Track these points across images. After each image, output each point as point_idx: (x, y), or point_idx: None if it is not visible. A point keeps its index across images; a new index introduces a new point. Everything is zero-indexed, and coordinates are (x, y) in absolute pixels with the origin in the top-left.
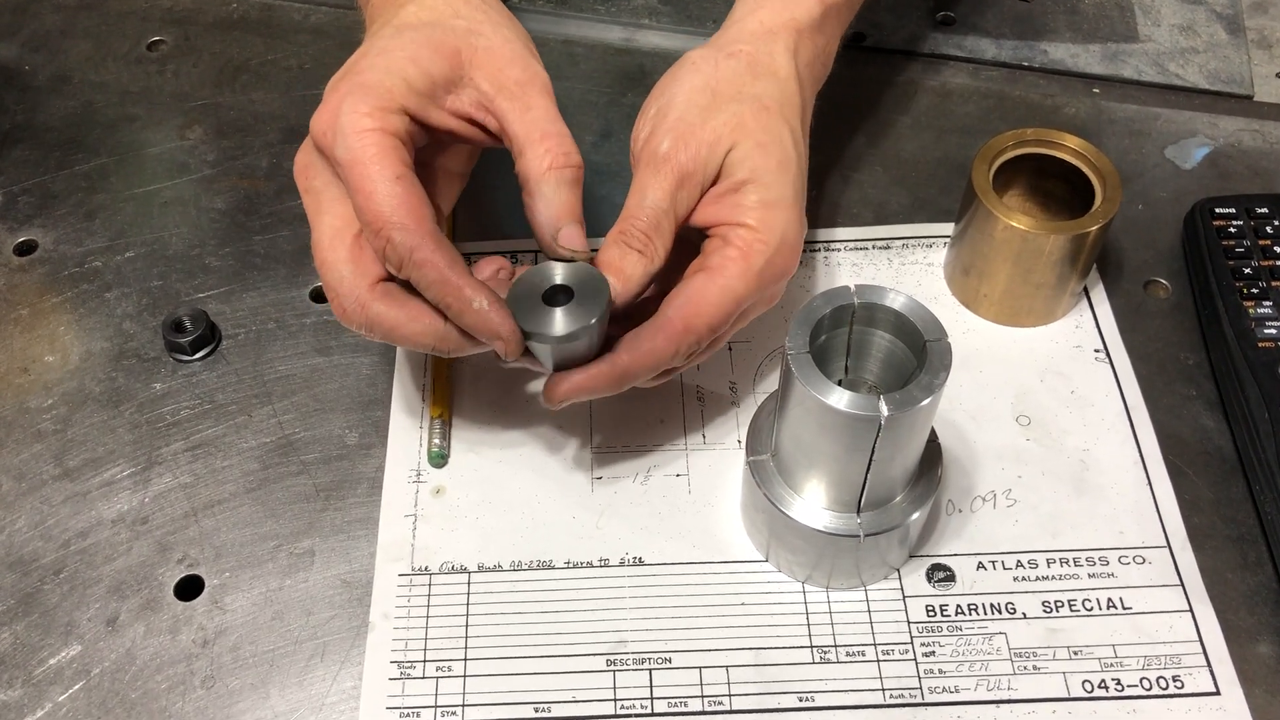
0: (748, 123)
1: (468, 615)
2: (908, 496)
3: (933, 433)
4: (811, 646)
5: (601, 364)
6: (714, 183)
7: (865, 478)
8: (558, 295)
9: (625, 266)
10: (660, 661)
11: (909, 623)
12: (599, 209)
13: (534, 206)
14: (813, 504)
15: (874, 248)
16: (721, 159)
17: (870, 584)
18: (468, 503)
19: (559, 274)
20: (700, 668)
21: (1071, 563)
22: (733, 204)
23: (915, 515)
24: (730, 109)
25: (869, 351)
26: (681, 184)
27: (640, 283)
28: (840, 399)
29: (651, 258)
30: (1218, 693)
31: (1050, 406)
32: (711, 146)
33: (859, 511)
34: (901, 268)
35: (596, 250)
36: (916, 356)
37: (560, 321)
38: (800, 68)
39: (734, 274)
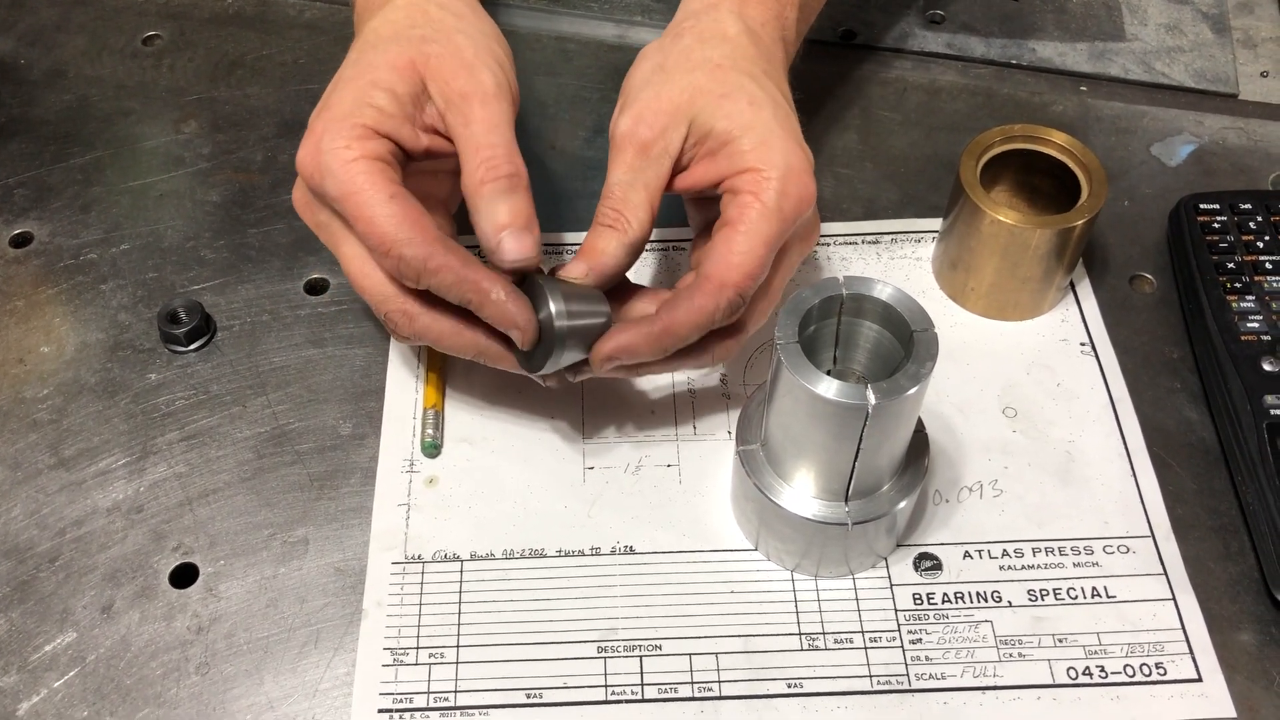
0: (703, 84)
1: (460, 603)
2: (895, 485)
3: (920, 423)
4: (800, 634)
5: (642, 323)
6: (686, 150)
7: (853, 466)
8: None
9: (598, 244)
10: (651, 648)
11: (896, 610)
12: (592, 204)
13: (474, 222)
14: (801, 493)
15: (863, 242)
16: (686, 125)
17: (858, 572)
18: (460, 492)
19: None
20: (690, 654)
21: (1057, 552)
22: (727, 156)
23: (902, 504)
24: (683, 79)
25: (857, 342)
26: (641, 154)
27: (616, 255)
28: (828, 388)
29: (624, 230)
30: (1200, 679)
31: (1036, 399)
32: (671, 115)
33: (847, 500)
34: (890, 262)
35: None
36: (904, 347)
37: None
38: (754, 26)
39: (753, 217)
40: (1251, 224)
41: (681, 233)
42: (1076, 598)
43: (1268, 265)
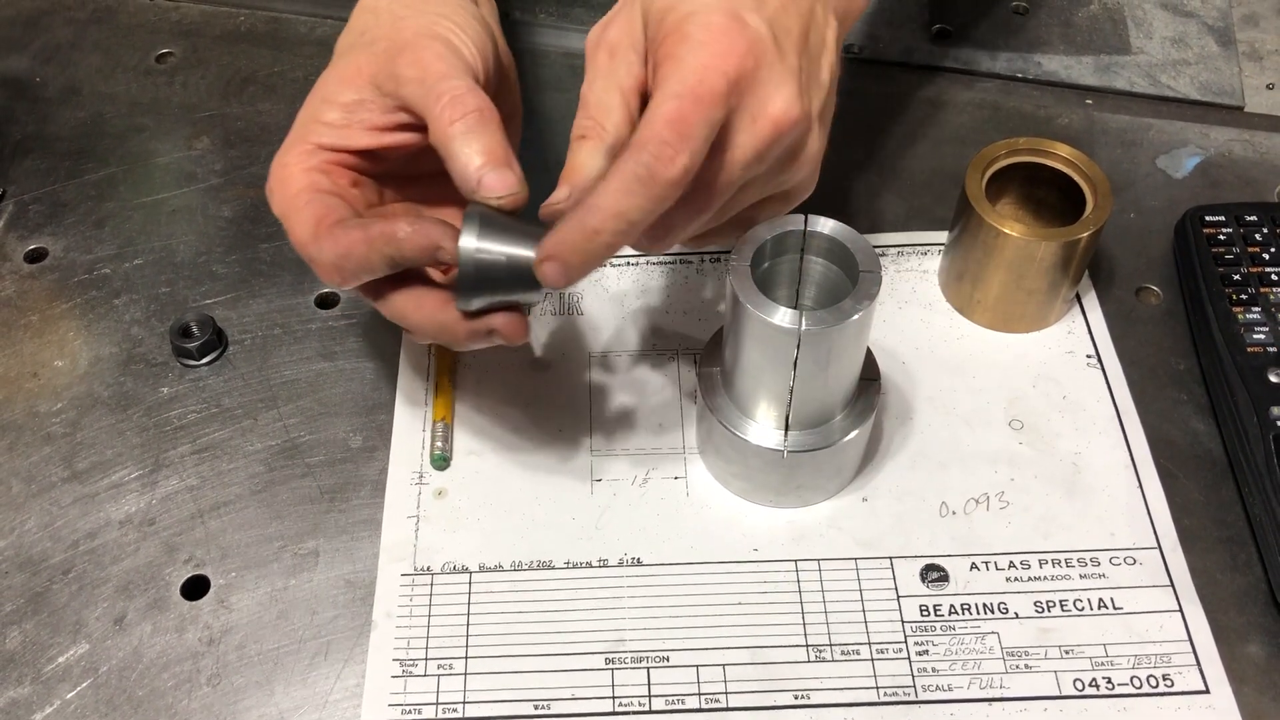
0: None
1: (469, 614)
2: (842, 421)
3: (873, 368)
4: (807, 645)
5: (568, 217)
6: (650, 48)
7: (790, 393)
8: None
9: (576, 159)
10: (658, 660)
11: (903, 622)
12: None
13: (451, 170)
14: (746, 416)
15: None
16: (643, 19)
17: (807, 505)
18: (469, 504)
19: None
20: (697, 666)
21: (1063, 564)
22: (661, 34)
23: (847, 438)
24: None
25: (814, 280)
26: (610, 57)
27: (599, 165)
28: (764, 309)
29: (600, 136)
30: (1207, 691)
31: (1043, 411)
32: (628, 14)
33: (787, 428)
34: (896, 275)
35: None
36: (853, 285)
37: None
38: None
39: (662, 77)
40: (1257, 236)
41: None
42: (1083, 609)
43: (1273, 277)
